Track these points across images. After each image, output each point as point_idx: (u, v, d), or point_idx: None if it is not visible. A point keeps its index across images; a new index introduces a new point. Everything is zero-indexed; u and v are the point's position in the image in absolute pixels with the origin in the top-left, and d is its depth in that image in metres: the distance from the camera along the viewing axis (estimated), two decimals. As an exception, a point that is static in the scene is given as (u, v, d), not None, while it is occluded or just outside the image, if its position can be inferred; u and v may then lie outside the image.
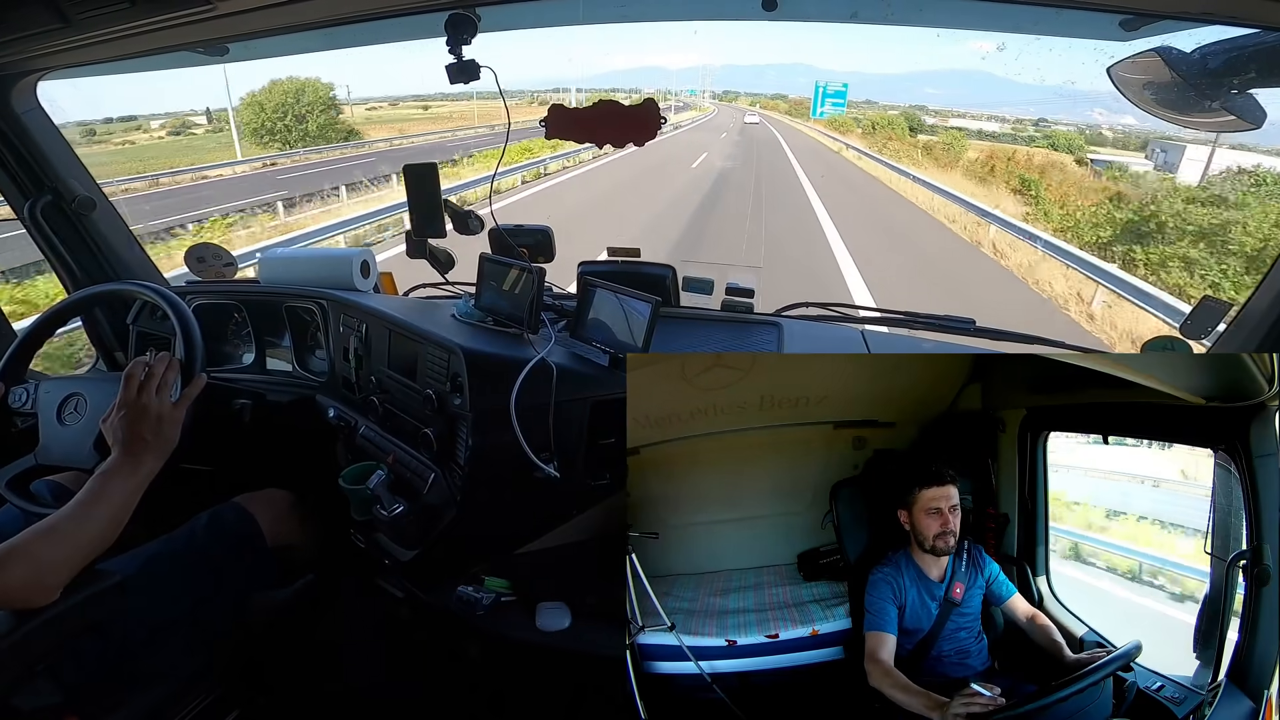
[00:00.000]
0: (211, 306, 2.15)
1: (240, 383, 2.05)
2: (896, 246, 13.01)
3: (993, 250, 12.91)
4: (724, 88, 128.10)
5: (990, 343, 1.83)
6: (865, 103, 49.96)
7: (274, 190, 17.47)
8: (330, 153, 28.26)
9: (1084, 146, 30.96)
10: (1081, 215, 15.97)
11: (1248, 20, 1.17)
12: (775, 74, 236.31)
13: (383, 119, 43.07)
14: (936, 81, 76.52)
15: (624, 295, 1.60)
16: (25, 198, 2.04)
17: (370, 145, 31.43)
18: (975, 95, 69.31)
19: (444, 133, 35.54)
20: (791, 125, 49.31)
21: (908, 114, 42.68)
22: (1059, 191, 20.45)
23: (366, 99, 44.15)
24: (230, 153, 27.74)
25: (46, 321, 1.81)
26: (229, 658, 1.63)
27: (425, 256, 2.06)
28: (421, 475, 1.70)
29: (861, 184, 22.60)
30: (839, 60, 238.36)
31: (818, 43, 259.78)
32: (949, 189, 17.20)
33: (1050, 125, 32.08)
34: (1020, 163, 24.61)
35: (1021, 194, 20.45)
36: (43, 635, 1.23)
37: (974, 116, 40.03)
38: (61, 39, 1.56)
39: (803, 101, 52.56)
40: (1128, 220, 13.97)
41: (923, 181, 19.04)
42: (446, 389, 1.64)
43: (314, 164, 25.18)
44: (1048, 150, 29.58)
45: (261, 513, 1.72)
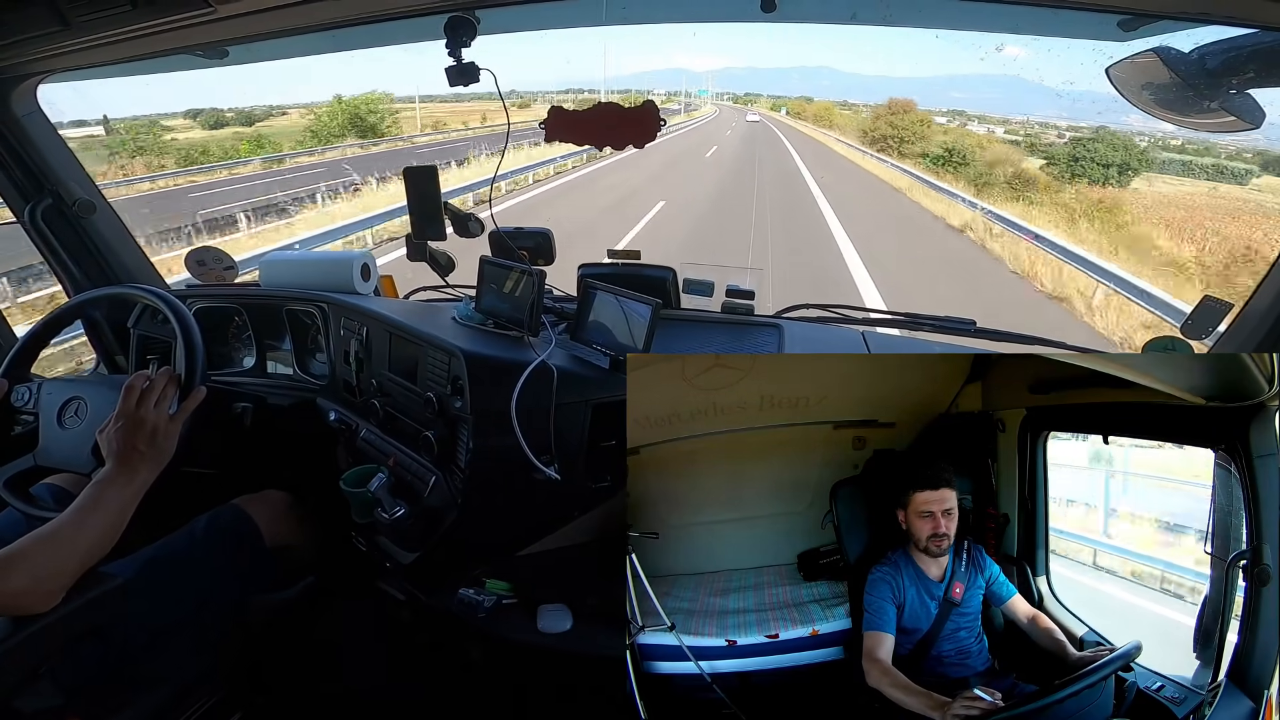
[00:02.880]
0: (212, 310, 2.15)
1: (241, 386, 2.06)
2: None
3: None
4: (746, 89, 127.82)
5: (990, 343, 1.83)
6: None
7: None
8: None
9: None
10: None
11: (1245, 20, 1.17)
12: (799, 76, 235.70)
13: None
14: (963, 85, 75.80)
15: (624, 298, 1.60)
16: (25, 201, 2.04)
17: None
18: (1006, 100, 67.41)
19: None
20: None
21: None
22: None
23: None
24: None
25: (49, 324, 1.81)
26: (230, 660, 1.63)
27: (425, 259, 2.06)
28: (422, 478, 1.70)
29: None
30: (863, 64, 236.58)
31: (842, 45, 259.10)
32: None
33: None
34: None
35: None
36: (44, 639, 1.23)
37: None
38: (62, 42, 1.56)
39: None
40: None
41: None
42: (447, 392, 1.64)
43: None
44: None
45: (259, 514, 1.72)
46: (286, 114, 38.41)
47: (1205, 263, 14.10)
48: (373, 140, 31.92)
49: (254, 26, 1.56)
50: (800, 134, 45.27)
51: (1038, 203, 19.24)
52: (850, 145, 34.98)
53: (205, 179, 23.13)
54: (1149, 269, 11.54)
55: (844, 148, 34.77)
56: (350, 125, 32.58)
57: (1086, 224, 16.28)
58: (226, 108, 36.14)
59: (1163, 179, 24.19)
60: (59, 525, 1.26)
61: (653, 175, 20.79)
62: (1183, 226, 17.02)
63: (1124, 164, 23.59)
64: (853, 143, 35.73)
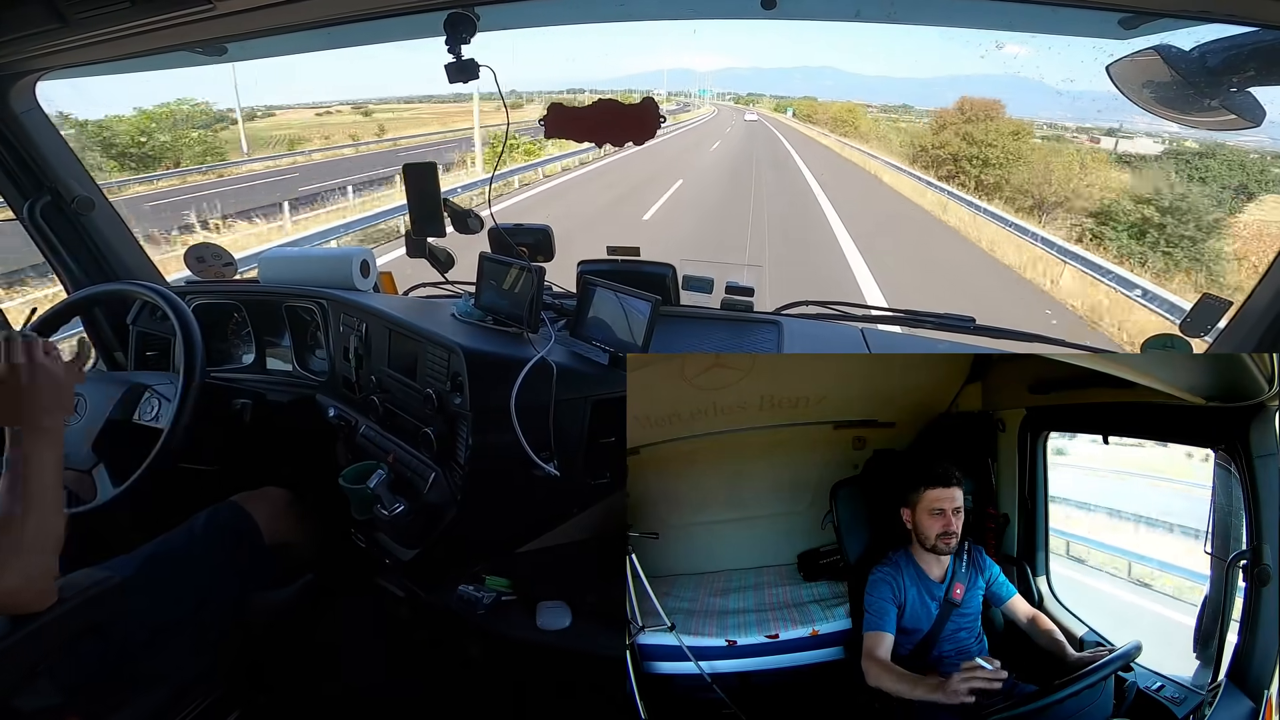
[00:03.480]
0: (211, 306, 2.15)
1: (240, 383, 2.06)
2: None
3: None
4: (749, 90, 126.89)
5: (990, 341, 1.83)
6: (901, 107, 43.27)
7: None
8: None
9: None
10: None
11: (1246, 18, 1.17)
12: (801, 76, 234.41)
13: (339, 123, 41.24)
14: (969, 86, 74.84)
15: (624, 294, 1.60)
16: (24, 198, 2.04)
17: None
18: (1010, 101, 64.83)
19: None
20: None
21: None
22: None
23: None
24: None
25: (47, 320, 1.81)
26: (230, 657, 1.63)
27: (425, 256, 2.06)
28: (422, 474, 1.70)
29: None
30: (866, 64, 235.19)
31: (845, 45, 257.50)
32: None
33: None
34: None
35: None
36: (43, 637, 1.23)
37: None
38: (60, 39, 1.55)
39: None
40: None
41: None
42: (446, 388, 1.64)
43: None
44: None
45: (259, 511, 1.72)
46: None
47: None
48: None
49: (253, 23, 1.55)
50: (816, 148, 34.73)
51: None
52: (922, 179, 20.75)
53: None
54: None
55: (912, 188, 20.29)
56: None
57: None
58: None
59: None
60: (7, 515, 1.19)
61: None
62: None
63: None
64: (922, 175, 21.41)
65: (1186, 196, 14.87)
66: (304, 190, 18.08)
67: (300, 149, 30.39)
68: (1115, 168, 19.76)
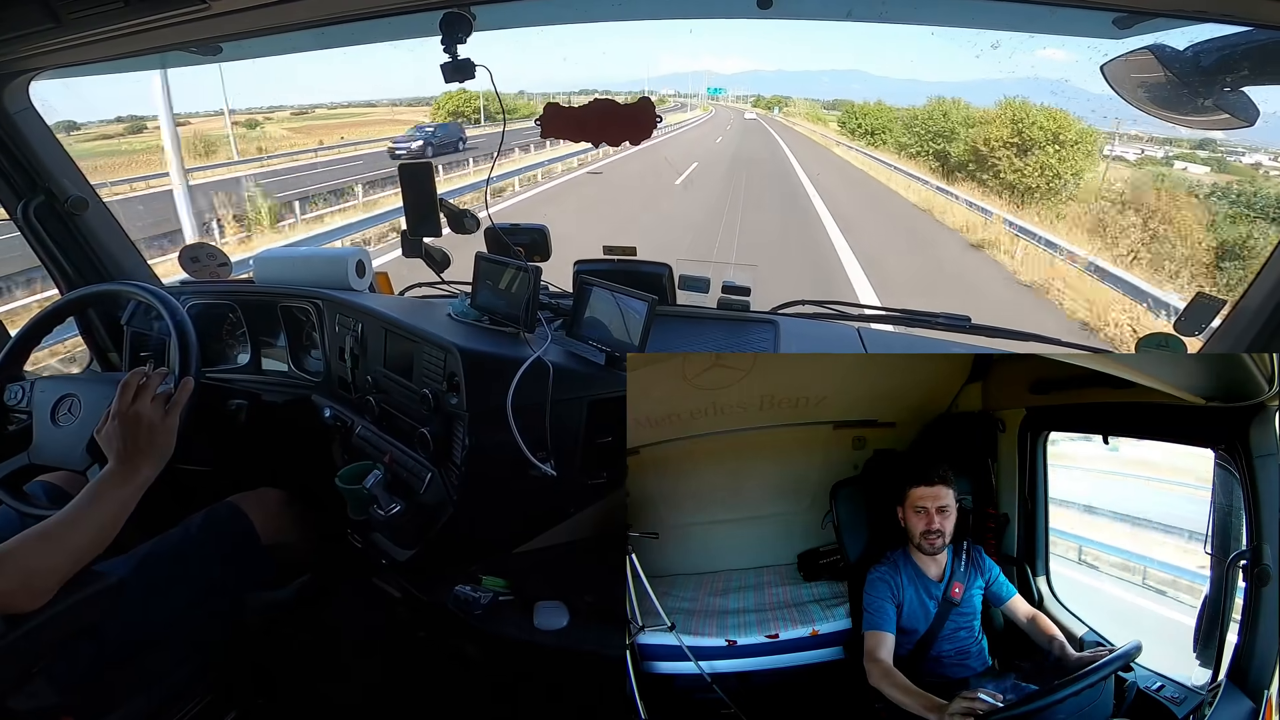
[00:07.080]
0: (206, 306, 2.14)
1: (236, 383, 2.05)
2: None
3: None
4: (774, 91, 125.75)
5: (987, 340, 1.83)
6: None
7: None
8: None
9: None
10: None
11: (1240, 18, 1.17)
12: (830, 79, 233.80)
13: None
14: (996, 90, 73.64)
15: (620, 294, 1.59)
16: (18, 198, 2.03)
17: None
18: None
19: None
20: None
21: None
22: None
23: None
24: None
25: (42, 320, 1.80)
26: (227, 658, 1.63)
27: (421, 256, 2.06)
28: (418, 475, 1.70)
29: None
30: (896, 67, 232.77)
31: (874, 49, 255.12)
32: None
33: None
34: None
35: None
36: (39, 637, 1.23)
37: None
38: (54, 39, 1.55)
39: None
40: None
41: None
42: (443, 388, 1.63)
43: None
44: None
45: (255, 511, 1.72)
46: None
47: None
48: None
49: (248, 23, 1.55)
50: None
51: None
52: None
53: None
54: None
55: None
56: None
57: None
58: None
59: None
60: (53, 524, 1.27)
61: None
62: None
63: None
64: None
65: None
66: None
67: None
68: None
